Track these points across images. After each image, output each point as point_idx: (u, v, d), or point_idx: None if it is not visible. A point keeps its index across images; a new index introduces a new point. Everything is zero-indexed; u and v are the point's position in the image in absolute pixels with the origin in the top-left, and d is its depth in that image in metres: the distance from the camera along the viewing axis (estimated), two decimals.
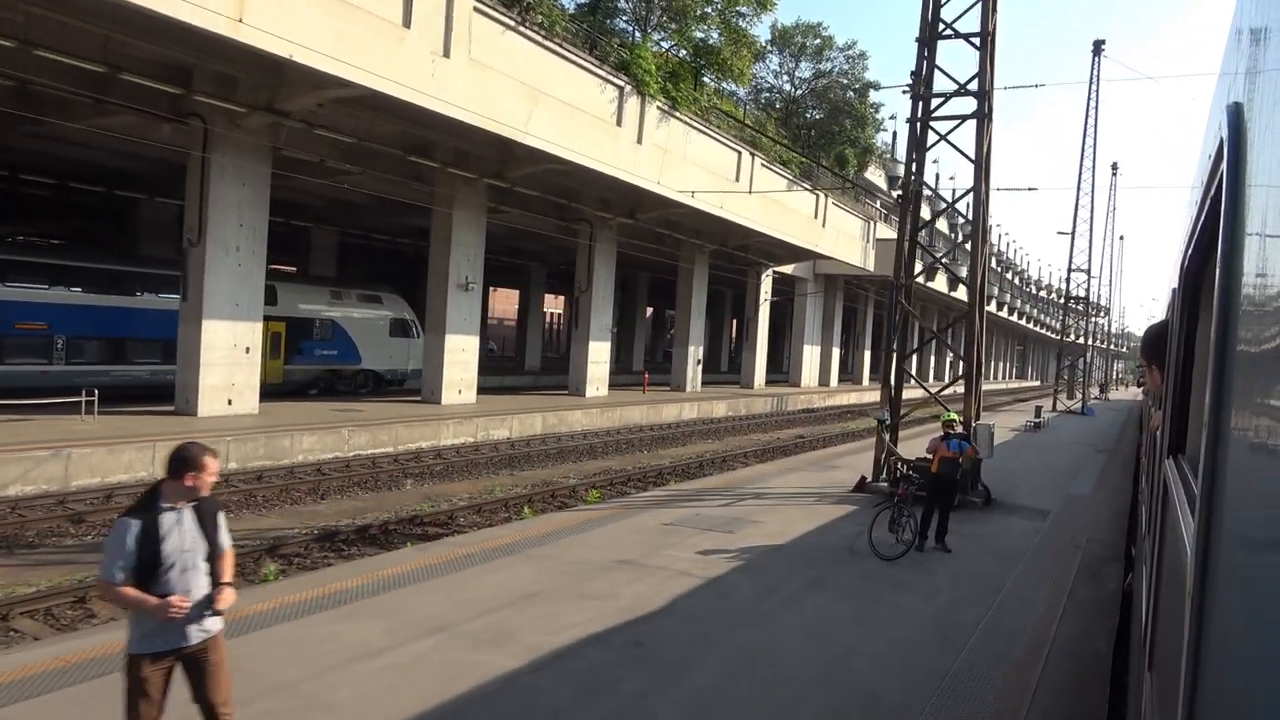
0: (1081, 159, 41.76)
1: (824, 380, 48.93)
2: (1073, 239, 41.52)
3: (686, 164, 23.58)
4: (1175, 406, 2.27)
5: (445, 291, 22.29)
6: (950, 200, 14.83)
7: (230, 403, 17.33)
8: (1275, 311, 0.75)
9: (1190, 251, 2.02)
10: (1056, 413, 40.05)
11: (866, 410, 40.68)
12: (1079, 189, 41.59)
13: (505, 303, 77.17)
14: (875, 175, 48.44)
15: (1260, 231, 0.87)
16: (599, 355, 28.60)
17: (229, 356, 17.24)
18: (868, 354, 54.93)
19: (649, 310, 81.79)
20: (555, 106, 18.91)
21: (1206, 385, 1.17)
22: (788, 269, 42.28)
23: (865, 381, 54.39)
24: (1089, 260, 41.50)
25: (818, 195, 32.55)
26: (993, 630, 7.15)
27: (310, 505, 12.31)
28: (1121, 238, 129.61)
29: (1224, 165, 1.15)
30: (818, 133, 32.70)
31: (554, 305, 72.02)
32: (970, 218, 13.87)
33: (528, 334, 46.25)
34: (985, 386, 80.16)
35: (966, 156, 13.41)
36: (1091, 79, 41.30)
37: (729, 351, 68.69)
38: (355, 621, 6.22)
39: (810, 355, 46.11)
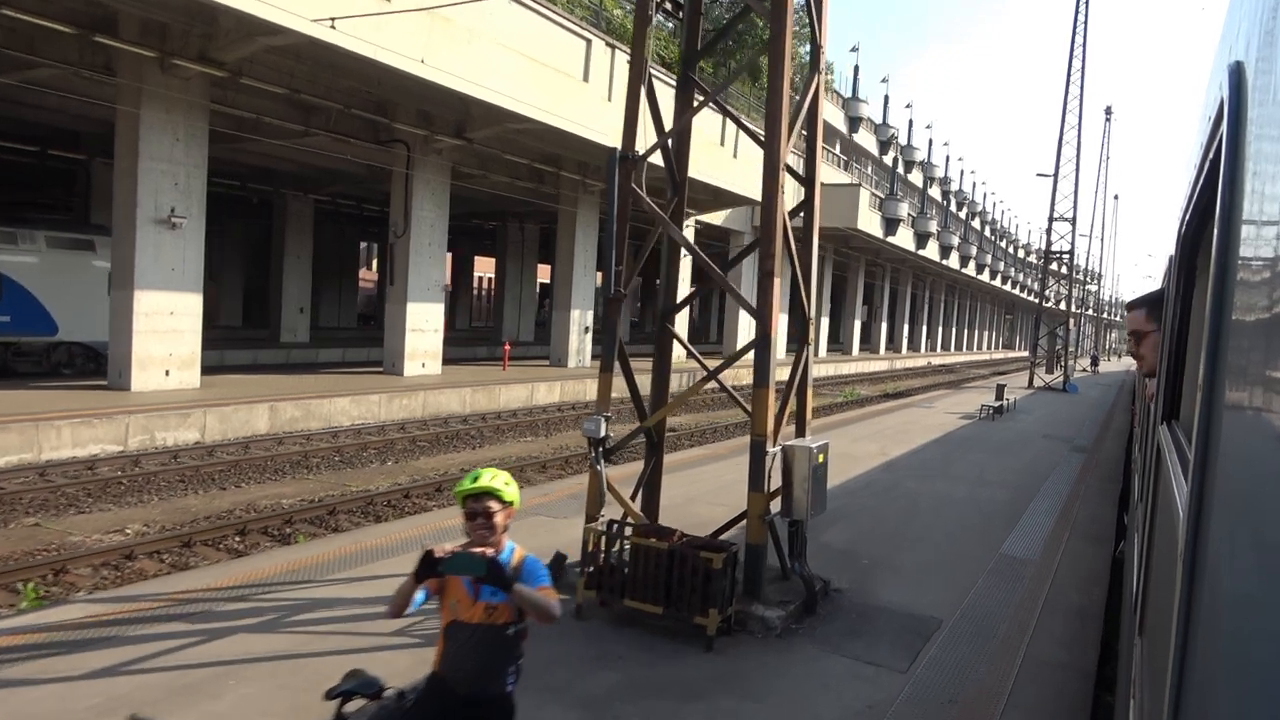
0: (1067, 86, 34.84)
1: None
2: (1055, 181, 34.71)
3: (485, 43, 16.59)
4: (1170, 372, 2.28)
5: (133, 229, 15.40)
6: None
7: None
8: (1273, 278, 0.73)
9: (1188, 216, 2.01)
10: (1033, 390, 33.52)
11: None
12: (1063, 120, 34.69)
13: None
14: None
15: (1260, 196, 0.85)
16: (425, 321, 21.76)
17: None
18: (826, 321, 48.15)
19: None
20: None
21: (1201, 351, 1.13)
22: (716, 219, 35.42)
23: (821, 353, 47.71)
24: (1074, 208, 34.67)
25: (725, 120, 25.47)
26: None
27: None
28: (1116, 197, 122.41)
29: (1224, 127, 1.12)
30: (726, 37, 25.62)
31: (485, 268, 64.82)
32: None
33: None
34: (963, 357, 73.62)
35: None
36: None
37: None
38: None
39: (749, 322, 39.31)
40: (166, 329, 15.96)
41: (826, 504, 6.68)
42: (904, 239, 44.68)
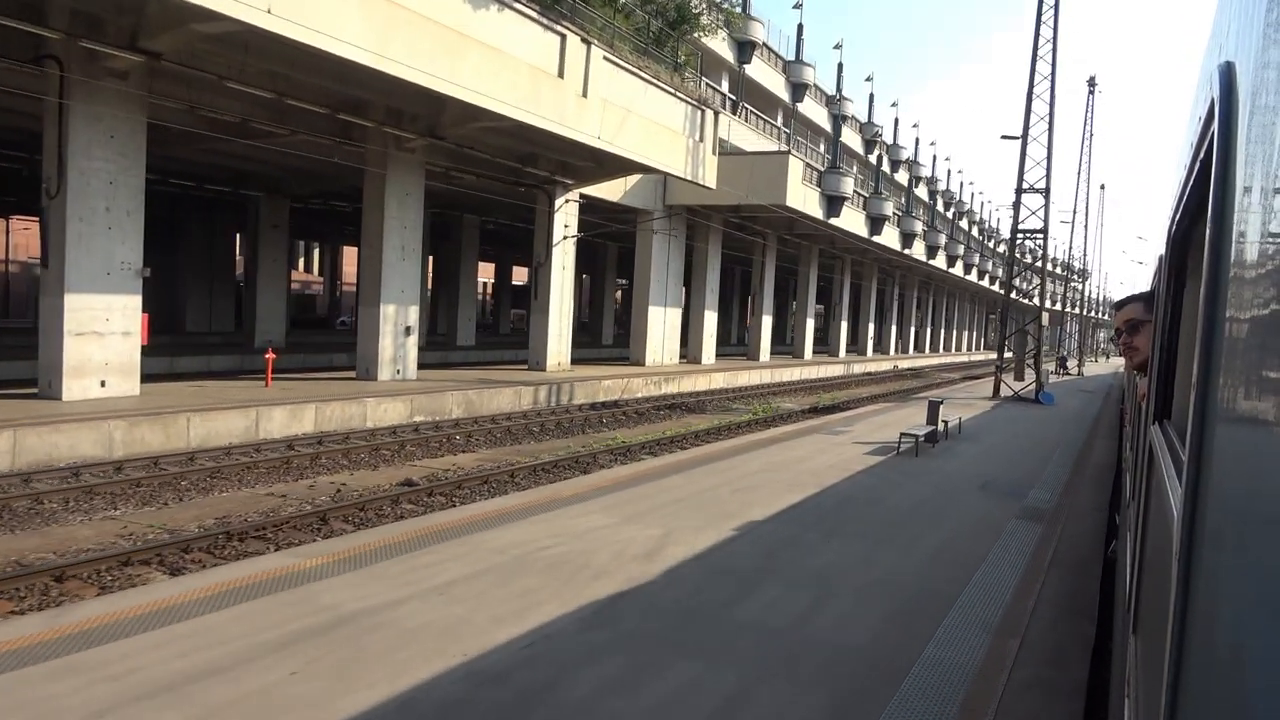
0: (1037, 26, 28.44)
1: (693, 355, 35.65)
2: (1024, 143, 28.26)
3: None
4: (1161, 372, 2.27)
5: None
6: None
7: None
8: (1263, 277, 0.74)
9: (1178, 216, 2.01)
10: (999, 400, 27.09)
11: (722, 401, 27.52)
12: (1033, 67, 28.26)
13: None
14: (720, 44, 35.04)
15: (1251, 197, 0.85)
16: (103, 320, 15.10)
17: None
18: (768, 320, 41.60)
19: (514, 268, 68.17)
20: None
21: (1194, 351, 1.12)
22: (611, 193, 28.83)
23: (764, 357, 41.16)
24: (1047, 175, 28.24)
25: (565, 36, 18.83)
26: None
27: None
28: (1102, 186, 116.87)
29: (1214, 127, 1.11)
30: None
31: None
32: None
33: (259, 296, 32.41)
34: (938, 360, 67.02)
35: None
36: None
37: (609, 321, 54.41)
38: None
39: (662, 320, 32.73)
40: None
41: None
42: (853, 223, 38.23)
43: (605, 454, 15.46)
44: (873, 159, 49.60)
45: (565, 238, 26.78)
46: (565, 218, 26.63)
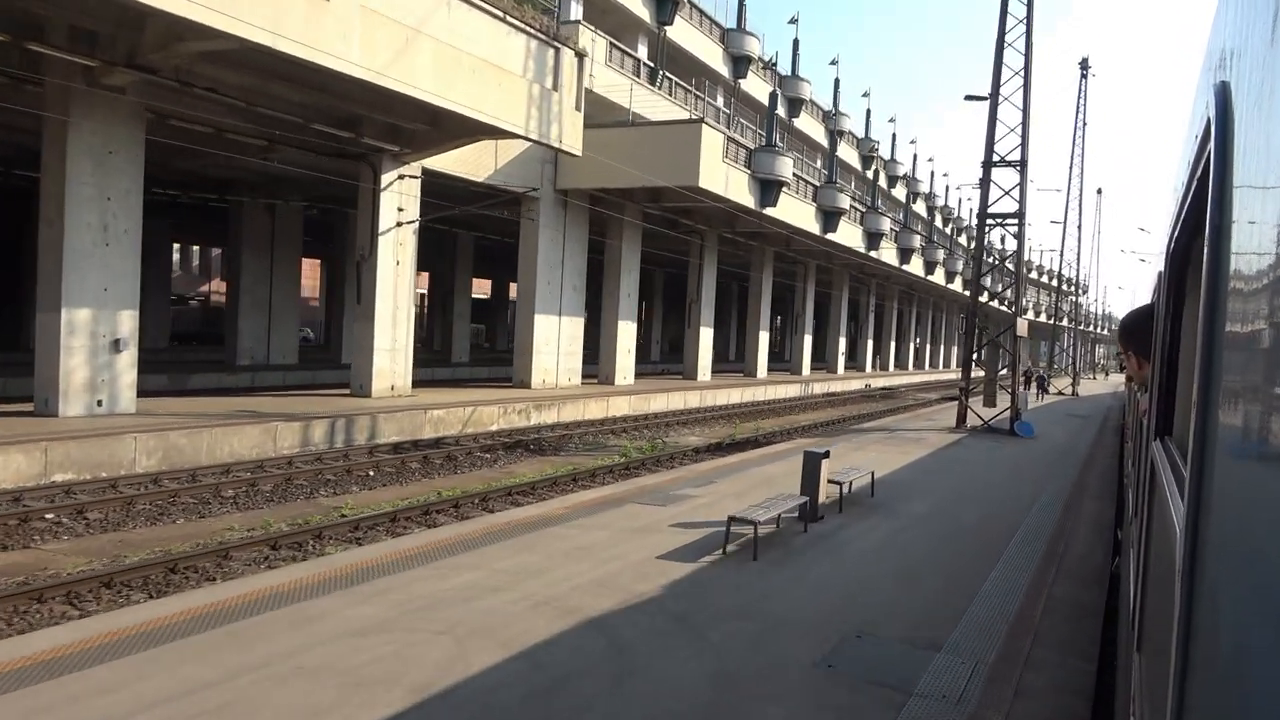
0: None
1: (605, 374, 29.40)
2: (993, 106, 22.19)
3: None
4: (1162, 389, 2.28)
5: None
6: None
7: None
8: (1261, 292, 0.75)
9: (1176, 233, 2.02)
10: (964, 432, 20.98)
11: (602, 435, 21.33)
12: (1004, 9, 22.22)
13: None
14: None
15: (1248, 215, 0.86)
16: None
17: None
18: (707, 333, 35.37)
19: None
20: None
21: (1194, 368, 1.13)
22: (470, 169, 22.69)
23: (703, 375, 34.93)
24: (1023, 142, 22.13)
25: None
26: None
27: None
28: (1099, 190, 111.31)
29: (1211, 146, 1.12)
30: None
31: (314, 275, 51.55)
32: None
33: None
34: (920, 377, 58.24)
35: None
36: None
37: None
38: None
39: (554, 332, 26.50)
40: None
41: None
42: (798, 215, 32.12)
43: (256, 547, 9.23)
44: (856, 159, 43.58)
45: (400, 224, 20.65)
46: (399, 198, 20.53)
